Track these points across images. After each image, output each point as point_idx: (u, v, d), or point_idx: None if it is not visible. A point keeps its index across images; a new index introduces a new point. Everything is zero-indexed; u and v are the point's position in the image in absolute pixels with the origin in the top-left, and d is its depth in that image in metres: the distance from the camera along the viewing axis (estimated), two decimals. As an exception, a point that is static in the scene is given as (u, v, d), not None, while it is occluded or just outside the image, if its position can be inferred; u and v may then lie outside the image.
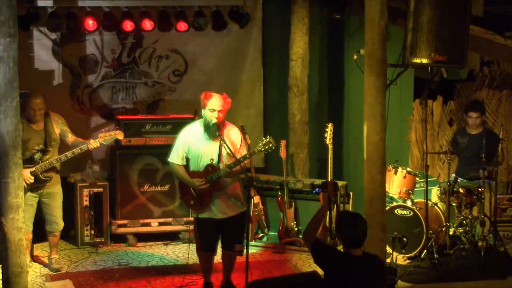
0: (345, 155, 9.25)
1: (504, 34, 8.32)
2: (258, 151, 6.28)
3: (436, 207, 7.79)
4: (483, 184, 7.65)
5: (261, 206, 8.16)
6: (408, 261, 7.51)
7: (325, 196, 5.15)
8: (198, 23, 8.42)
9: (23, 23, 7.76)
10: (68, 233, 8.06)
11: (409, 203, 7.67)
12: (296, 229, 7.95)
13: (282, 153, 7.88)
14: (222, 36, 8.77)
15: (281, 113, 8.99)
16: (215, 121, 6.17)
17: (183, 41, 8.72)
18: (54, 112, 7.16)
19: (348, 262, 4.80)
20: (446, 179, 7.73)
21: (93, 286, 6.77)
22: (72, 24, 8.10)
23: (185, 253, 7.60)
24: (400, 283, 6.77)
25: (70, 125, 7.24)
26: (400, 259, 7.50)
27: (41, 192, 7.03)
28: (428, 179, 7.58)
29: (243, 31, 8.80)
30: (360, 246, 4.84)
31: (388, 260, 7.12)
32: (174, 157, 6.39)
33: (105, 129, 7.23)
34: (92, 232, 7.97)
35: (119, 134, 7.16)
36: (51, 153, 6.99)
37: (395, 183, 7.75)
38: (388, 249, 7.26)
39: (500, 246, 7.67)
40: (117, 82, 8.65)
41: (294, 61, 8.72)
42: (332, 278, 4.82)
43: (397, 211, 7.64)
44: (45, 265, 7.37)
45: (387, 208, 7.09)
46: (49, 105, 7.15)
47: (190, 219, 7.87)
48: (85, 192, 7.95)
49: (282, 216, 7.99)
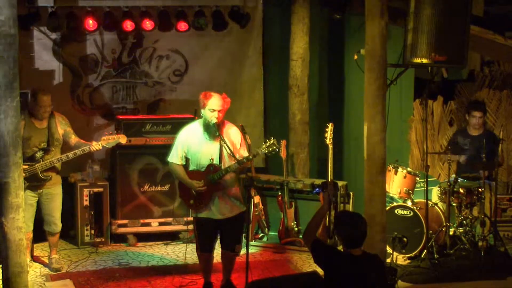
0: (346, 155, 9.25)
1: (504, 34, 8.32)
2: (261, 152, 6.27)
3: (436, 207, 7.79)
4: (483, 184, 7.64)
5: (261, 206, 8.15)
6: (408, 261, 7.50)
7: (325, 196, 5.15)
8: (198, 23, 8.43)
9: (23, 23, 7.77)
10: (68, 233, 8.07)
11: (409, 203, 7.67)
12: (296, 229, 7.95)
13: (283, 153, 7.88)
14: (223, 36, 8.78)
15: (281, 113, 8.99)
16: (215, 121, 6.16)
17: (183, 41, 8.73)
18: (58, 113, 7.17)
19: (348, 262, 4.80)
20: (446, 179, 7.73)
21: (93, 286, 6.76)
22: (73, 24, 8.11)
23: (185, 253, 7.60)
24: (400, 283, 6.77)
25: (70, 125, 7.24)
26: (400, 259, 7.49)
27: (41, 192, 7.03)
28: (428, 179, 7.58)
29: (243, 31, 8.81)
30: (360, 245, 4.84)
31: (388, 260, 7.12)
32: (174, 156, 6.38)
33: (108, 132, 7.25)
34: (92, 232, 7.97)
35: (122, 138, 7.16)
36: (53, 153, 6.99)
37: (395, 183, 7.75)
38: (388, 249, 7.26)
39: (500, 246, 7.66)
40: (117, 82, 8.66)
41: (295, 61, 8.72)
42: (332, 278, 4.82)
43: (397, 211, 7.64)
44: (45, 265, 7.37)
45: (387, 208, 7.09)
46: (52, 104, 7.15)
47: (190, 219, 7.87)
48: (85, 192, 7.95)
49: (282, 216, 7.99)
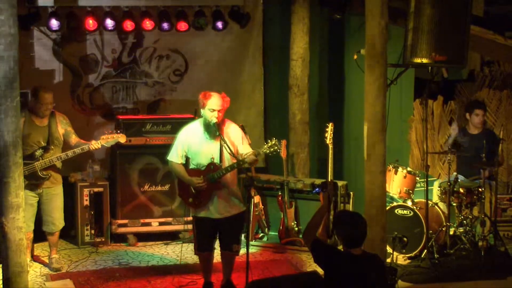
0: (346, 155, 9.25)
1: (505, 34, 8.33)
2: (263, 152, 6.26)
3: (436, 207, 7.79)
4: (484, 184, 7.64)
5: (261, 206, 8.15)
6: (409, 261, 7.50)
7: (325, 196, 5.15)
8: (198, 23, 8.43)
9: (23, 22, 7.78)
10: (68, 233, 8.07)
11: (409, 203, 7.67)
12: (296, 229, 7.94)
13: (283, 153, 7.87)
14: (223, 36, 8.78)
15: (281, 113, 8.99)
16: (215, 120, 6.16)
17: (183, 41, 8.73)
18: (59, 112, 7.17)
19: (348, 262, 4.79)
20: (446, 179, 7.72)
21: (93, 286, 6.76)
22: (73, 23, 8.11)
23: (185, 252, 7.61)
24: (400, 283, 6.77)
25: (71, 125, 7.23)
26: (401, 259, 7.49)
27: (41, 192, 7.03)
28: (429, 179, 7.57)
29: (243, 31, 8.80)
30: (360, 245, 4.84)
31: (388, 260, 7.11)
32: (174, 155, 6.38)
33: (108, 131, 7.24)
34: (93, 231, 7.97)
35: (121, 137, 7.16)
36: (52, 151, 6.99)
37: (396, 183, 7.75)
38: (389, 249, 7.26)
39: (501, 246, 7.66)
40: (117, 82, 8.66)
41: (295, 61, 8.72)
42: (332, 278, 4.81)
43: (398, 211, 7.64)
44: (45, 264, 7.37)
45: (387, 208, 7.08)
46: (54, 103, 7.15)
47: (190, 219, 7.87)
48: (86, 191, 7.95)
49: (282, 216, 7.99)
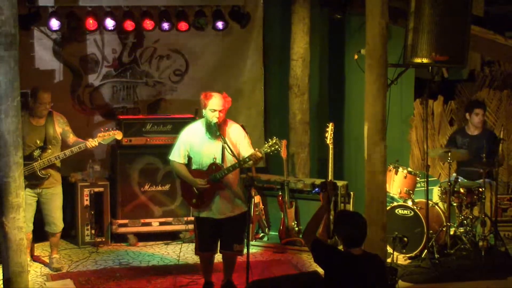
0: (346, 155, 9.24)
1: (505, 34, 8.33)
2: (263, 152, 6.26)
3: (436, 207, 7.79)
4: (484, 184, 7.64)
5: (261, 206, 8.15)
6: (409, 261, 7.50)
7: (324, 196, 5.15)
8: (198, 22, 8.42)
9: (24, 22, 7.78)
10: (68, 233, 8.06)
11: (409, 203, 7.67)
12: (296, 229, 7.94)
13: (283, 153, 7.87)
14: (223, 36, 8.77)
15: (281, 113, 8.99)
16: (216, 121, 6.16)
17: (184, 40, 8.72)
18: (57, 112, 7.17)
19: (348, 262, 4.79)
20: (447, 179, 7.72)
21: (93, 286, 6.76)
22: (73, 23, 8.11)
23: (186, 252, 7.61)
24: (400, 283, 6.77)
25: (70, 125, 7.24)
26: (401, 259, 7.49)
27: (40, 192, 7.03)
28: (429, 179, 7.57)
29: (243, 31, 8.80)
30: (360, 245, 4.84)
31: (388, 260, 7.11)
32: (176, 155, 6.37)
33: (104, 129, 7.23)
34: (93, 231, 7.97)
35: (118, 134, 7.17)
36: (50, 151, 6.99)
37: (396, 183, 7.75)
38: (389, 249, 7.25)
39: (501, 246, 7.67)
40: (117, 81, 8.65)
41: (295, 61, 8.72)
42: (332, 278, 4.81)
43: (398, 211, 7.64)
44: (45, 264, 7.37)
45: (387, 208, 7.08)
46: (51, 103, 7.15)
47: (190, 219, 7.88)
48: (86, 191, 7.95)
49: (282, 216, 7.99)
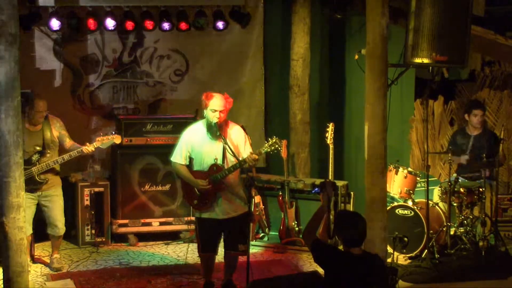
0: (346, 155, 9.24)
1: (505, 34, 8.32)
2: (264, 151, 6.26)
3: (437, 207, 7.79)
4: (484, 184, 7.64)
5: (262, 206, 8.15)
6: (409, 261, 7.50)
7: (324, 196, 5.15)
8: (199, 22, 8.43)
9: (24, 22, 7.78)
10: (69, 233, 8.05)
11: (410, 203, 7.67)
12: (297, 229, 7.94)
13: (283, 153, 7.87)
14: (223, 36, 8.78)
15: (282, 113, 8.99)
16: (216, 121, 6.16)
17: (184, 40, 8.72)
18: (53, 116, 7.16)
19: (348, 261, 4.79)
20: (447, 179, 7.72)
21: (94, 286, 6.76)
22: (74, 23, 8.11)
23: (186, 252, 7.60)
24: (401, 283, 6.77)
25: (71, 125, 7.25)
26: (401, 259, 7.49)
27: (40, 194, 7.02)
28: (429, 179, 7.57)
29: (244, 31, 8.80)
30: (360, 245, 4.84)
31: (389, 260, 7.11)
32: (177, 156, 6.37)
33: (103, 133, 7.23)
34: (93, 231, 7.97)
35: (117, 138, 7.16)
36: (49, 155, 6.98)
37: (396, 183, 7.75)
38: (389, 249, 7.25)
39: (501, 246, 7.66)
40: (118, 81, 8.66)
41: (295, 61, 8.72)
42: (332, 277, 4.81)
43: (398, 211, 7.64)
44: (46, 264, 7.37)
45: (388, 208, 7.08)
46: (50, 105, 7.14)
47: (190, 218, 7.88)
48: (86, 191, 7.95)
49: (283, 216, 7.99)
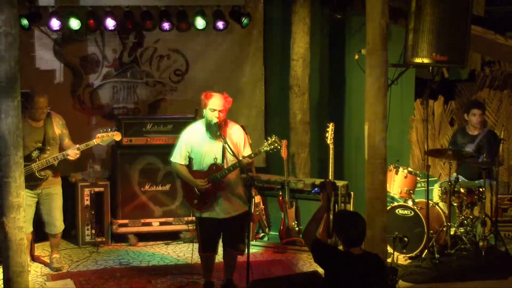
0: (346, 155, 9.24)
1: (505, 34, 8.31)
2: (263, 150, 6.26)
3: (437, 207, 7.79)
4: (484, 184, 7.64)
5: (262, 206, 8.15)
6: (409, 261, 7.50)
7: (324, 196, 5.15)
8: (199, 22, 8.42)
9: (24, 22, 7.78)
10: (69, 233, 8.06)
11: (410, 203, 7.67)
12: (297, 229, 7.94)
13: (283, 153, 7.87)
14: (223, 36, 8.77)
15: (282, 113, 8.99)
16: (216, 120, 6.16)
17: (184, 40, 8.72)
18: (55, 113, 7.16)
19: (348, 261, 4.79)
20: (447, 179, 7.72)
21: (94, 286, 6.76)
22: (73, 23, 8.10)
23: (186, 252, 7.61)
24: (401, 283, 6.77)
25: (71, 125, 7.24)
26: (401, 259, 7.49)
27: (40, 192, 7.02)
28: (429, 179, 7.57)
29: (244, 31, 8.80)
30: (360, 244, 4.84)
31: (389, 260, 7.11)
32: (177, 156, 6.37)
33: (103, 130, 7.21)
34: (93, 231, 7.97)
35: (117, 135, 7.15)
36: (49, 152, 6.98)
37: (396, 183, 7.75)
38: (389, 249, 7.25)
39: (501, 246, 7.66)
40: (118, 81, 8.66)
41: (295, 61, 8.72)
42: (332, 277, 4.82)
43: (398, 211, 7.64)
44: (46, 264, 7.37)
45: (388, 208, 7.08)
46: (50, 105, 7.14)
47: (190, 218, 7.88)
48: (86, 191, 7.95)
49: (283, 216, 7.99)
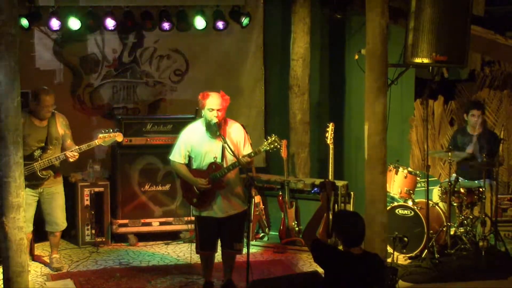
0: (346, 155, 9.25)
1: (505, 34, 8.32)
2: (263, 149, 6.26)
3: (437, 207, 7.79)
4: (484, 184, 7.64)
5: (262, 206, 8.15)
6: (409, 261, 7.50)
7: (323, 196, 5.16)
8: (199, 22, 8.42)
9: (24, 22, 7.78)
10: (69, 233, 8.07)
11: (410, 203, 7.67)
12: (297, 229, 7.94)
13: (283, 153, 7.88)
14: (223, 36, 8.77)
15: (282, 113, 8.99)
16: (215, 120, 6.15)
17: (184, 40, 8.72)
18: (59, 113, 7.16)
19: (348, 261, 4.79)
20: (447, 179, 7.72)
21: (94, 286, 6.76)
22: (73, 23, 8.10)
23: (186, 252, 7.60)
24: (401, 283, 6.77)
25: (71, 125, 7.22)
26: (401, 259, 7.49)
27: (41, 191, 7.02)
28: (429, 179, 7.56)
29: (244, 31, 8.80)
30: (359, 244, 4.84)
31: (389, 260, 7.11)
32: (176, 155, 6.37)
33: (104, 130, 7.20)
34: (93, 231, 7.97)
35: (119, 136, 7.15)
36: (51, 152, 6.98)
37: (396, 183, 7.75)
38: (389, 249, 7.25)
39: (501, 246, 7.66)
40: (118, 81, 8.66)
41: (295, 61, 8.72)
42: (332, 277, 4.82)
43: (398, 211, 7.64)
44: (46, 264, 7.37)
45: (388, 208, 7.08)
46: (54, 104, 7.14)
47: (190, 218, 7.88)
48: (86, 191, 7.95)
49: (283, 216, 7.99)
